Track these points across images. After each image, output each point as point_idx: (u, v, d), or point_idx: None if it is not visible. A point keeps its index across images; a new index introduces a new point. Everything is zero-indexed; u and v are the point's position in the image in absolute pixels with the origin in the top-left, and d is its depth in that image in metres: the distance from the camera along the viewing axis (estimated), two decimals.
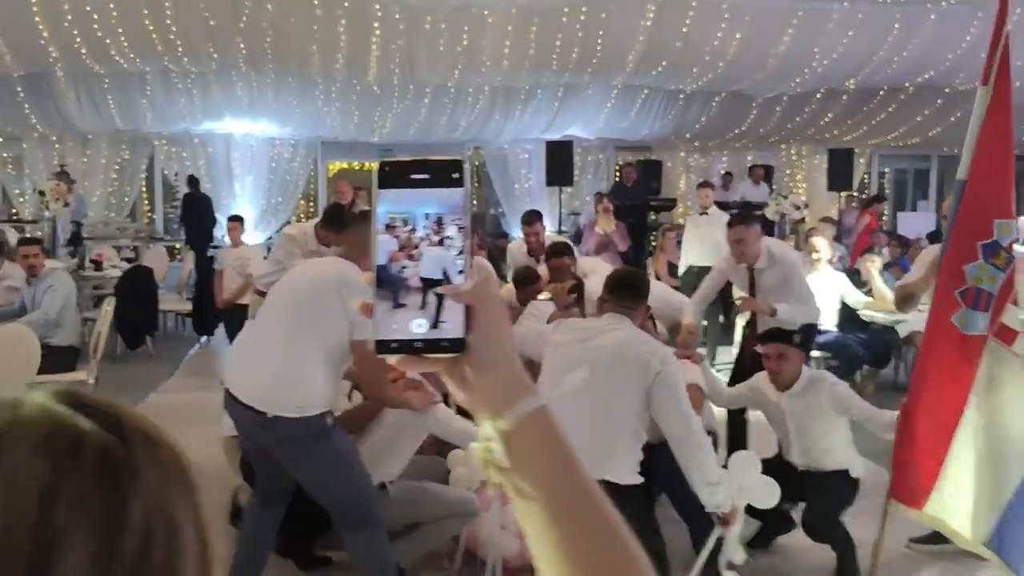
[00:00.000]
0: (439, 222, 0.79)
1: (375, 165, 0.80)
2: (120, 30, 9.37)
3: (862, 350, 6.97)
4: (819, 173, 13.65)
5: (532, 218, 6.29)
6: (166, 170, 13.60)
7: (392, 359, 0.77)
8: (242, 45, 9.92)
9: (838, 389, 3.98)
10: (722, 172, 14.12)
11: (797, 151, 14.72)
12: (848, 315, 7.20)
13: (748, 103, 12.60)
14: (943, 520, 3.21)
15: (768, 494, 3.26)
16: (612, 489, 2.65)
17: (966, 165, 2.94)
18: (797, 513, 4.11)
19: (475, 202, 15.38)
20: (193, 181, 11.72)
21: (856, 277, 7.66)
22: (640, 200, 12.42)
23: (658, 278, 9.86)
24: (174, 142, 13.13)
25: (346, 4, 9.28)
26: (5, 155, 13.07)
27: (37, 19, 8.97)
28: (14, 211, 12.63)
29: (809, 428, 4.03)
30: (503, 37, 10.06)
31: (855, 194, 13.19)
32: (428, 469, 4.09)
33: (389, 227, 0.80)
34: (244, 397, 3.17)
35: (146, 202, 14.20)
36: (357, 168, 16.13)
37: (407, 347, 0.78)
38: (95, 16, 9.05)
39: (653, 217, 12.83)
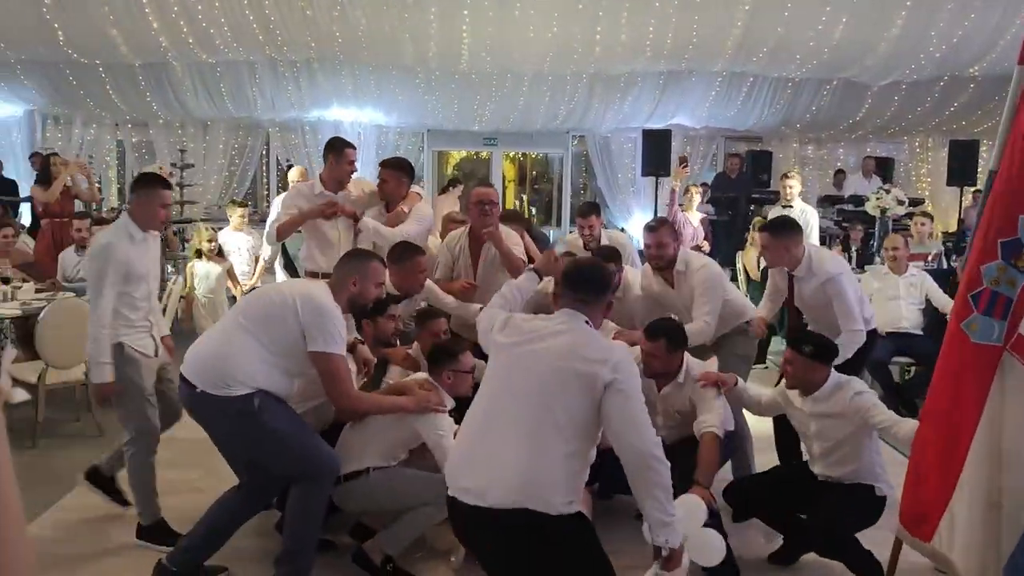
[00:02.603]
0: None
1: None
2: (223, 20, 9.78)
3: None
4: (945, 167, 12.76)
5: (588, 210, 6.06)
6: (279, 156, 14.15)
7: None
8: (338, 34, 10.15)
9: (862, 398, 3.74)
10: (835, 171, 13.43)
11: (921, 143, 13.79)
12: (937, 319, 6.68)
13: (863, 91, 11.88)
14: (948, 558, 2.89)
15: (711, 551, 3.02)
16: (538, 521, 2.49)
17: (997, 154, 2.64)
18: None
19: (583, 192, 15.28)
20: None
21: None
22: (743, 192, 11.97)
23: (747, 273, 9.50)
24: (286, 129, 13.64)
25: None
26: (135, 140, 13.93)
27: (147, 10, 9.47)
28: None
29: (829, 435, 3.82)
30: (594, 24, 9.87)
31: (981, 190, 12.21)
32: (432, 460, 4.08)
33: None
34: (184, 370, 3.35)
35: (265, 187, 14.83)
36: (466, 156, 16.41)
37: None
38: (199, 7, 9.48)
39: (767, 210, 12.34)
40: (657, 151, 11.46)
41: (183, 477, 4.33)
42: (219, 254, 7.53)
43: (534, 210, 16.41)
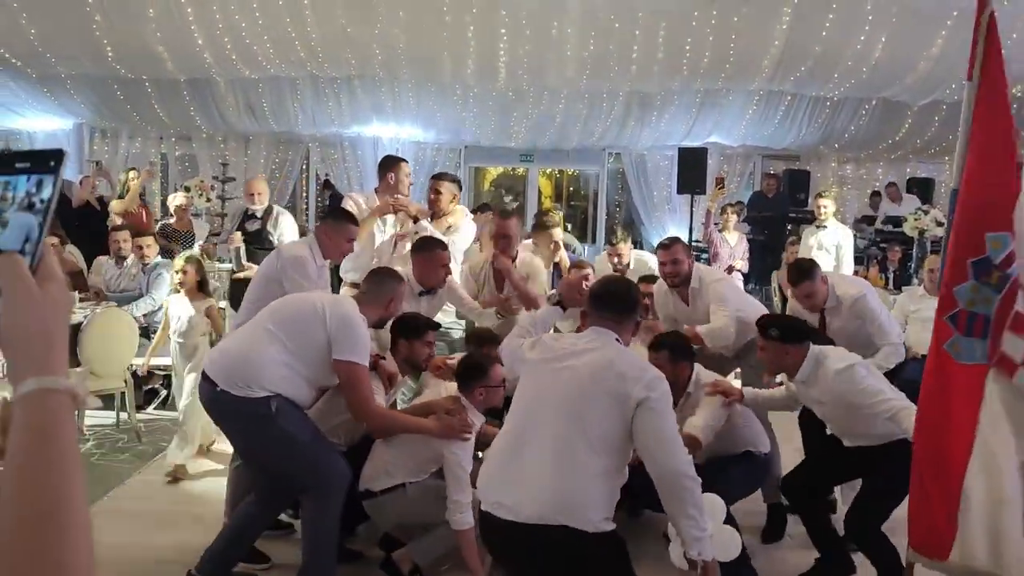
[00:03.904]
0: (28, 197, 0.88)
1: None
2: (265, 37, 9.97)
3: None
4: None
5: (618, 241, 6.13)
6: (319, 171, 14.35)
7: None
8: (377, 51, 10.30)
9: (848, 375, 3.60)
10: (871, 192, 13.32)
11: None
12: None
13: (902, 111, 11.76)
14: (972, 565, 2.87)
15: (729, 546, 3.02)
16: (573, 538, 2.51)
17: (957, 173, 2.66)
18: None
19: (618, 209, 15.28)
20: (328, 184, 12.45)
21: None
22: (780, 211, 11.91)
23: (782, 291, 9.44)
24: (326, 144, 13.83)
25: (474, 11, 9.45)
26: (179, 153, 14.23)
27: (193, 27, 9.69)
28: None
29: (832, 410, 3.78)
30: (630, 42, 9.91)
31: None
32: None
33: None
34: (207, 368, 3.45)
35: (304, 201, 15.05)
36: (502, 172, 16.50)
37: None
38: (243, 24, 9.67)
39: (803, 230, 12.25)
40: (693, 169, 11.41)
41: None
42: (201, 289, 5.77)
43: (569, 226, 16.44)
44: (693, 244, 11.38)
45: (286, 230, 6.56)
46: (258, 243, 6.44)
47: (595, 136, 12.91)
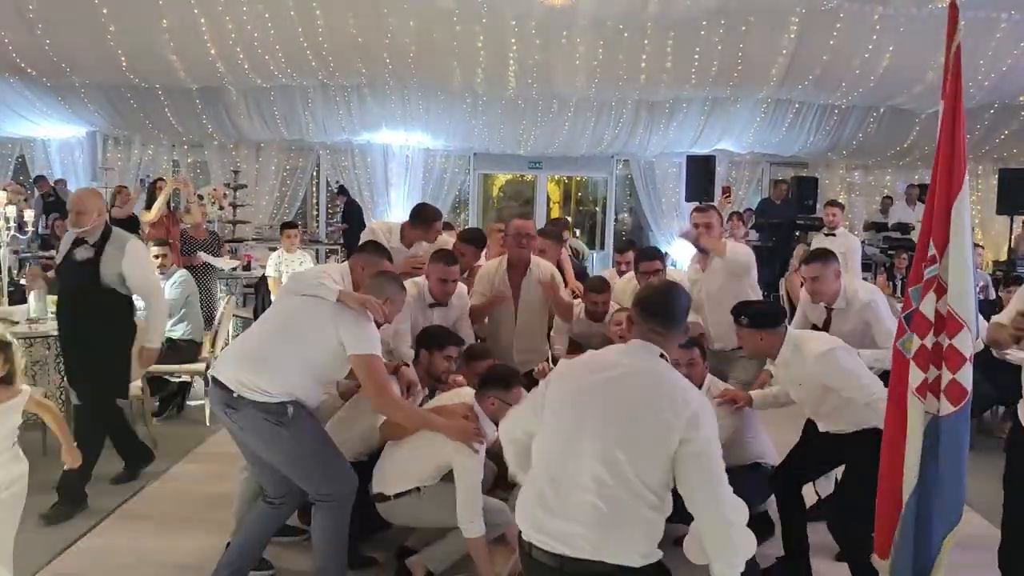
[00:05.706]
0: None
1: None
2: (277, 47, 10.08)
3: (994, 389, 6.34)
4: (995, 195, 12.59)
5: (625, 247, 6.15)
6: (329, 177, 14.43)
7: None
8: (388, 60, 10.40)
9: (827, 357, 3.58)
10: (882, 197, 13.34)
11: (971, 171, 13.51)
12: (982, 349, 6.60)
13: (910, 118, 11.81)
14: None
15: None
16: (624, 573, 2.38)
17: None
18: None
19: (627, 216, 15.35)
20: (343, 191, 12.53)
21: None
22: (788, 218, 11.95)
23: (790, 299, 9.47)
24: (337, 151, 13.93)
25: (484, 20, 9.54)
26: (190, 160, 14.34)
27: (206, 37, 9.81)
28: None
29: (809, 393, 3.77)
30: (639, 51, 9.99)
31: None
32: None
33: None
34: (220, 376, 3.47)
35: (315, 208, 15.15)
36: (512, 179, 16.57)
37: None
38: (255, 34, 9.78)
39: (811, 237, 12.30)
40: (701, 176, 11.49)
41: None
42: (7, 382, 3.33)
43: (578, 232, 16.51)
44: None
45: (130, 264, 4.72)
46: (89, 279, 4.67)
47: (604, 143, 12.98)
